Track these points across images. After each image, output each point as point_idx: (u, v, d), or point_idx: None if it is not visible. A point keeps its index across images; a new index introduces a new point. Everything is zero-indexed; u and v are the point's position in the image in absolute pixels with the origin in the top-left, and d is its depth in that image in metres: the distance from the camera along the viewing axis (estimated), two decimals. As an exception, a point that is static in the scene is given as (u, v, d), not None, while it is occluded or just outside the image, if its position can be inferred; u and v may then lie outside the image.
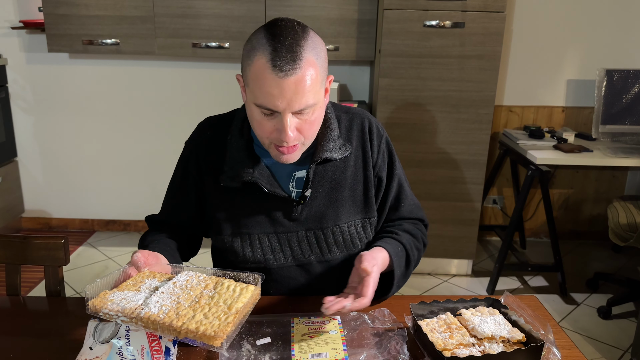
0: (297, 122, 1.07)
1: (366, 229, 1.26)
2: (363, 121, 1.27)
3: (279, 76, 1.00)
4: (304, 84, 1.02)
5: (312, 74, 1.03)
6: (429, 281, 2.98)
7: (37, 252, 1.29)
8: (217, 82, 3.25)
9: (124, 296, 0.90)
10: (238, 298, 0.91)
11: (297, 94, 1.02)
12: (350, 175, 1.23)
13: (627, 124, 2.97)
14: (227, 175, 1.18)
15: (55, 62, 3.25)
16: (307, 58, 1.02)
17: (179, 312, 0.87)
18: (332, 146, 1.19)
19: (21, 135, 3.37)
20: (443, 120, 2.76)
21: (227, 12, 2.90)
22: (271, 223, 1.20)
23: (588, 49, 3.22)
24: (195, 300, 0.90)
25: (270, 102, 1.03)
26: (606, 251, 3.40)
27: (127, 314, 0.86)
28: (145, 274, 1.00)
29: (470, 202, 2.88)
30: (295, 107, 1.03)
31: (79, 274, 2.93)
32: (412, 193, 1.35)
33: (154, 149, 3.38)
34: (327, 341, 1.00)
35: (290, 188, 1.21)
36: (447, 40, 2.65)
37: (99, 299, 0.89)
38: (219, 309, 0.88)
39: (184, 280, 0.95)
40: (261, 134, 1.10)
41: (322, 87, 1.09)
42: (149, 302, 0.88)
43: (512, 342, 0.97)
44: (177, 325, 0.84)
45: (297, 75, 1.01)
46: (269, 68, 1.01)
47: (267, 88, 1.02)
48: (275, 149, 1.10)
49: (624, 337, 2.45)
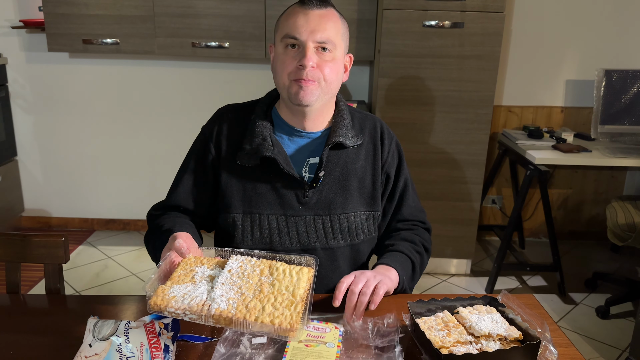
0: (317, 59, 1.16)
1: (369, 222, 1.30)
2: (375, 122, 1.34)
3: (306, 8, 1.17)
4: (327, 18, 1.17)
5: (336, 20, 1.20)
6: (428, 281, 2.98)
7: (37, 250, 1.29)
8: (216, 81, 3.26)
9: (185, 291, 0.88)
10: (298, 284, 0.91)
11: (319, 25, 1.16)
12: (360, 167, 1.28)
13: (626, 124, 2.98)
14: (246, 152, 1.22)
15: (55, 62, 3.25)
16: (332, 9, 1.20)
17: (247, 305, 0.86)
18: (345, 133, 1.25)
19: (21, 134, 3.37)
20: (442, 120, 2.76)
21: (227, 12, 2.90)
22: (281, 205, 1.24)
23: (587, 50, 3.22)
24: (257, 290, 0.90)
25: (296, 30, 1.15)
26: (605, 251, 3.41)
27: (195, 312, 0.85)
28: (190, 260, 0.97)
29: (469, 202, 2.89)
30: (317, 36, 1.15)
31: (78, 273, 2.93)
32: (417, 198, 1.40)
33: (154, 148, 3.39)
34: (321, 355, 0.95)
35: (304, 173, 1.26)
36: (446, 41, 2.65)
37: (159, 297, 0.87)
38: (283, 297, 0.88)
39: (237, 267, 0.94)
40: (282, 72, 1.19)
41: (343, 43, 1.22)
42: (214, 297, 0.87)
43: (509, 340, 0.98)
44: (251, 321, 0.84)
45: (322, 10, 1.18)
46: (298, 6, 1.19)
47: (294, 19, 1.17)
48: (294, 85, 1.17)
49: (622, 336, 2.46)
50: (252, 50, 2.95)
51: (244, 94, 3.21)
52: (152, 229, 1.26)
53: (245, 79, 3.23)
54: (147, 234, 1.28)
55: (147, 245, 1.28)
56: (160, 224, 1.22)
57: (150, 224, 1.29)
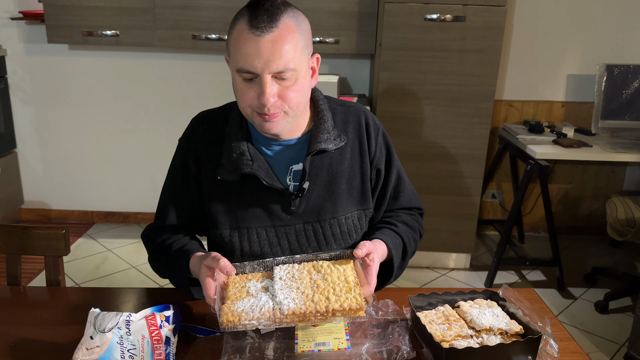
0: (278, 89, 1.07)
1: (362, 220, 1.27)
2: (359, 114, 1.27)
3: (255, 34, 1.03)
4: (280, 43, 1.03)
5: (290, 38, 1.05)
6: (427, 275, 2.99)
7: (37, 242, 1.29)
8: (216, 74, 3.25)
9: (249, 304, 0.94)
10: (345, 273, 1.00)
11: (274, 54, 1.03)
12: (346, 167, 1.23)
13: (627, 119, 2.97)
14: (225, 168, 1.17)
15: (55, 54, 3.24)
16: (285, 21, 1.05)
17: (313, 299, 0.93)
18: (326, 137, 1.19)
19: (20, 126, 3.36)
20: (443, 114, 2.76)
21: (227, 4, 2.89)
22: (269, 217, 1.20)
23: (588, 44, 3.22)
24: (314, 286, 0.97)
25: (249, 63, 1.04)
26: (604, 246, 3.42)
27: (268, 318, 0.92)
28: (236, 279, 1.03)
29: (469, 196, 2.89)
30: (273, 67, 1.04)
31: (78, 265, 2.94)
32: (410, 182, 1.36)
33: (154, 141, 3.38)
34: (331, 330, 1.02)
35: (288, 182, 1.21)
36: (447, 34, 2.64)
37: (229, 314, 0.92)
38: (340, 286, 0.97)
39: (285, 274, 1.01)
40: (243, 103, 1.10)
41: (304, 57, 1.09)
42: (281, 300, 0.94)
43: (510, 334, 0.98)
44: (322, 310, 0.91)
45: (273, 34, 1.03)
46: (246, 29, 1.04)
47: (245, 49, 1.04)
48: (257, 117, 1.10)
49: (621, 331, 2.47)
50: (253, 43, 2.94)
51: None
52: (160, 250, 1.23)
53: (246, 72, 3.21)
54: (153, 255, 1.25)
55: (155, 264, 1.25)
56: (166, 244, 1.21)
57: (150, 245, 1.26)
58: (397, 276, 1.24)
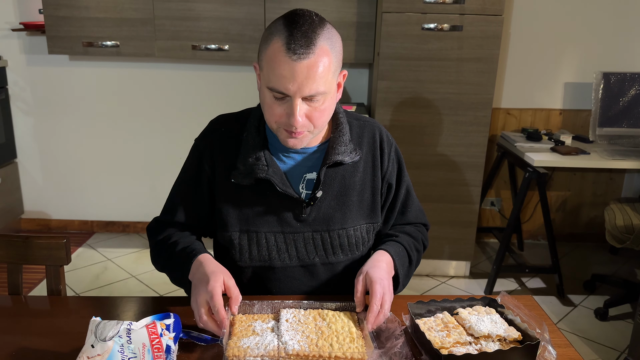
0: (306, 109, 1.09)
1: (370, 233, 1.29)
2: (374, 130, 1.29)
3: (292, 59, 1.03)
4: (316, 69, 1.05)
5: (325, 62, 1.06)
6: (427, 283, 2.99)
7: (38, 251, 1.30)
8: (216, 84, 3.27)
9: (254, 341, 0.99)
10: (349, 324, 1.05)
11: (308, 79, 1.05)
12: (358, 180, 1.25)
13: (624, 126, 2.99)
14: (240, 172, 1.19)
15: (55, 64, 3.26)
16: (321, 45, 1.05)
17: (317, 344, 0.98)
18: (343, 149, 1.21)
19: (21, 136, 3.38)
20: (441, 123, 2.77)
21: (226, 14, 2.91)
22: (279, 222, 1.22)
23: (585, 52, 3.24)
24: (318, 332, 1.02)
25: (282, 85, 1.05)
26: (603, 253, 3.42)
27: (272, 356, 0.96)
28: (243, 318, 1.08)
29: (468, 204, 2.89)
30: (306, 91, 1.06)
31: (78, 275, 2.94)
32: (417, 199, 1.39)
33: (154, 150, 3.39)
34: None
35: (300, 189, 1.23)
36: (445, 43, 2.66)
37: (235, 349, 0.96)
38: (343, 335, 1.01)
39: (291, 317, 1.06)
40: (270, 118, 1.13)
41: (335, 78, 1.12)
42: (286, 340, 0.98)
43: (509, 341, 0.99)
44: (325, 355, 0.96)
45: (309, 60, 1.04)
46: (283, 51, 1.04)
47: (280, 70, 1.05)
48: (283, 132, 1.13)
49: (621, 338, 2.47)
50: (252, 53, 2.96)
51: (243, 96, 3.23)
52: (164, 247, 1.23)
53: (245, 81, 3.24)
54: (156, 250, 1.26)
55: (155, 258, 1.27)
56: (171, 240, 1.22)
57: (154, 238, 1.27)
58: (404, 284, 1.25)
